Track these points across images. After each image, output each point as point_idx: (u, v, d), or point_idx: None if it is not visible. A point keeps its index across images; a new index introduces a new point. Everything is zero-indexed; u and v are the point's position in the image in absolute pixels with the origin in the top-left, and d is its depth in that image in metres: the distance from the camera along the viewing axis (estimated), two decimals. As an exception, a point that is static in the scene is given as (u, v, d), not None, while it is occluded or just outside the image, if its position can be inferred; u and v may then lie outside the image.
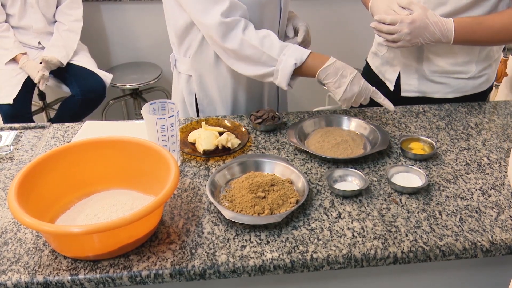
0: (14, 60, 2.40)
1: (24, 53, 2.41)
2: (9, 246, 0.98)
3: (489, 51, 1.47)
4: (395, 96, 1.57)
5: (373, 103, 1.49)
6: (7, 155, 1.30)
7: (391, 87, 1.61)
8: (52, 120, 2.68)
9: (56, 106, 2.80)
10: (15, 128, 1.42)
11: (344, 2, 2.83)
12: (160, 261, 0.94)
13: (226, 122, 1.41)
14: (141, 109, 1.18)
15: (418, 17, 1.33)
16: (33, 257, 0.95)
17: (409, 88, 1.57)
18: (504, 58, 2.62)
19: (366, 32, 1.83)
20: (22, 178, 0.96)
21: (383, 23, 1.36)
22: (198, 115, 1.59)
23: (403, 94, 1.58)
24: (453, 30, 1.34)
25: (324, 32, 2.92)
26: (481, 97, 1.55)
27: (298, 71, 1.34)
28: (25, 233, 1.01)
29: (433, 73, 1.51)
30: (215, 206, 1.08)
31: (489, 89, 1.57)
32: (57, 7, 2.49)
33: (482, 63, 1.48)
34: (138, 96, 2.96)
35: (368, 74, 1.70)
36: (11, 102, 2.32)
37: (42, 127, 1.44)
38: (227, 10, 1.29)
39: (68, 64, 2.47)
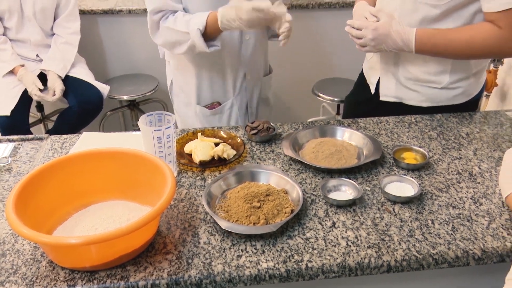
0: (12, 72, 2.40)
1: (22, 65, 2.41)
2: (7, 258, 0.98)
3: (465, 63, 1.46)
4: (376, 99, 1.61)
5: (366, 114, 1.51)
6: (5, 166, 1.30)
7: (372, 91, 1.64)
8: (50, 132, 2.67)
9: (54, 118, 2.80)
10: (13, 140, 1.43)
11: (346, 13, 2.86)
12: (156, 271, 0.94)
13: (222, 133, 1.41)
14: (138, 120, 1.18)
15: (381, 25, 1.39)
16: (31, 268, 0.95)
17: (387, 92, 1.59)
18: (494, 68, 2.64)
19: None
20: (20, 189, 0.96)
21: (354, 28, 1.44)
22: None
23: (381, 98, 1.61)
24: (414, 40, 1.37)
25: (325, 41, 2.95)
26: (471, 107, 1.55)
27: (210, 32, 1.46)
28: (23, 244, 1.01)
29: (408, 80, 1.53)
30: (211, 216, 1.08)
31: (475, 100, 1.56)
32: (54, 20, 2.49)
33: (456, 74, 1.47)
34: (135, 107, 2.96)
35: (361, 77, 1.74)
36: (8, 113, 2.32)
37: (40, 138, 1.44)
38: (156, 8, 1.47)
39: (66, 76, 2.48)
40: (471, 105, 1.55)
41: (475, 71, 1.48)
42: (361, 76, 1.75)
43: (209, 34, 1.46)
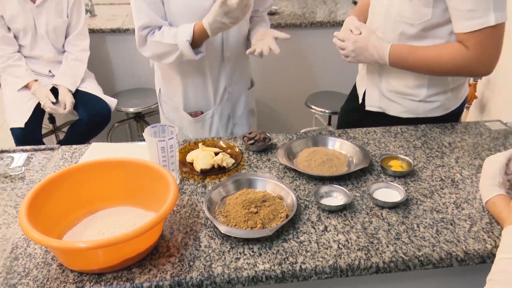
0: (26, 87, 2.40)
1: (36, 80, 2.41)
2: (19, 261, 0.97)
3: (442, 79, 1.45)
4: (363, 108, 1.63)
5: (356, 121, 1.50)
6: (18, 175, 1.29)
7: (360, 100, 1.65)
8: (61, 142, 2.66)
9: (65, 129, 2.79)
10: (26, 150, 1.42)
11: (336, 31, 2.87)
12: (160, 273, 0.93)
13: (221, 143, 1.41)
14: (144, 131, 1.18)
15: (361, 38, 1.42)
16: (42, 271, 0.94)
17: (372, 103, 1.60)
18: (473, 82, 2.65)
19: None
20: (32, 197, 0.96)
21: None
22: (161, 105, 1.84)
23: (367, 108, 1.61)
24: (388, 54, 1.38)
25: (317, 57, 2.96)
26: (451, 120, 1.55)
27: (197, 40, 1.50)
28: (35, 249, 1.00)
29: (390, 92, 1.53)
30: (211, 221, 1.07)
31: (456, 114, 1.55)
32: (66, 38, 2.50)
33: (433, 89, 1.47)
34: (140, 119, 2.96)
35: (354, 88, 1.75)
36: (22, 125, 2.31)
37: (52, 149, 1.43)
38: (144, 25, 1.52)
39: (76, 90, 2.48)
40: (451, 118, 1.55)
41: (452, 86, 1.48)
42: (354, 87, 1.76)
43: (195, 43, 1.51)
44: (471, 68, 1.33)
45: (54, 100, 2.38)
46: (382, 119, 1.57)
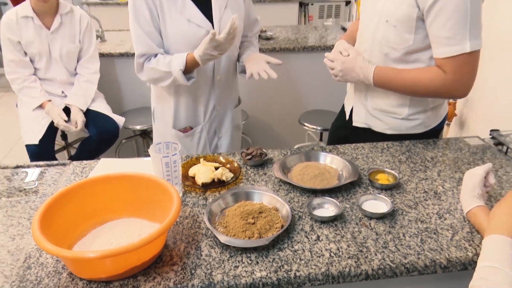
0: (40, 106, 2.40)
1: (49, 101, 2.41)
2: (32, 270, 0.96)
3: (423, 99, 1.45)
4: (350, 124, 1.63)
5: (344, 137, 1.51)
6: (32, 189, 1.28)
7: (347, 117, 1.65)
8: (72, 158, 2.66)
9: (76, 145, 2.78)
10: (40, 166, 1.41)
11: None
12: (164, 281, 0.92)
13: (221, 158, 1.41)
14: (149, 147, 1.18)
15: (348, 60, 1.44)
16: (53, 280, 0.93)
17: (359, 119, 1.60)
18: (453, 101, 2.66)
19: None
20: (44, 210, 0.95)
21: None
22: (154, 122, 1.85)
23: (354, 124, 1.62)
24: (372, 75, 1.39)
25: (310, 79, 2.98)
26: (431, 137, 1.55)
27: (189, 68, 1.54)
28: (46, 258, 0.99)
29: (375, 110, 1.53)
30: (211, 232, 1.06)
31: (436, 131, 1.56)
32: (78, 61, 2.51)
33: (414, 108, 1.47)
34: (146, 135, 2.95)
35: (343, 106, 1.75)
36: (37, 142, 2.31)
37: (63, 164, 1.43)
38: (141, 53, 1.56)
39: (87, 109, 2.48)
40: (432, 135, 1.55)
41: (432, 106, 1.48)
42: (343, 106, 1.76)
43: (187, 70, 1.55)
44: (448, 91, 1.34)
45: (66, 119, 2.38)
46: (368, 135, 1.57)
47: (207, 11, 1.58)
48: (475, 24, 1.24)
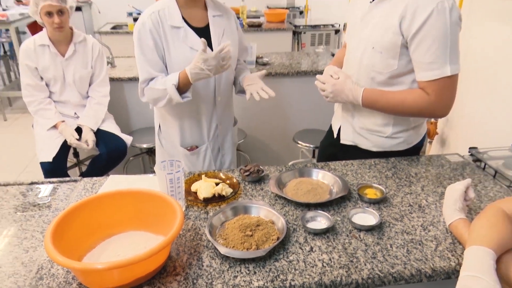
0: (54, 127, 2.40)
1: (63, 121, 2.41)
2: (44, 280, 0.94)
3: (405, 118, 1.46)
4: (338, 142, 1.63)
5: (332, 154, 1.50)
6: (45, 204, 1.27)
7: (335, 135, 1.65)
8: (83, 174, 2.64)
9: (87, 162, 2.77)
10: (53, 182, 1.40)
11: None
12: (167, 291, 0.91)
13: (221, 174, 1.40)
14: (155, 165, 1.18)
15: (338, 82, 1.44)
16: (63, 290, 0.91)
17: (346, 137, 1.60)
18: (434, 121, 2.68)
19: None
20: (56, 224, 0.95)
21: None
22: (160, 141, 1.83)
23: (342, 141, 1.62)
24: (361, 96, 1.40)
25: (303, 100, 2.99)
26: (412, 153, 1.55)
27: (182, 86, 1.52)
28: (58, 269, 0.98)
29: (361, 129, 1.54)
30: (212, 243, 1.06)
31: (417, 148, 1.56)
32: (89, 85, 2.52)
33: (398, 127, 1.48)
34: (152, 153, 2.95)
35: (331, 126, 1.75)
36: (50, 160, 2.30)
37: (75, 180, 1.42)
38: (144, 80, 1.57)
39: (98, 129, 2.48)
40: (414, 152, 1.55)
41: (413, 125, 1.49)
42: (330, 125, 1.77)
43: (182, 88, 1.53)
44: (430, 111, 1.35)
45: (78, 137, 2.38)
46: (355, 152, 1.57)
47: (206, 38, 1.60)
48: (454, 50, 1.27)
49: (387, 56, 1.35)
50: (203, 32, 1.61)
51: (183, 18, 1.58)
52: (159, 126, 1.83)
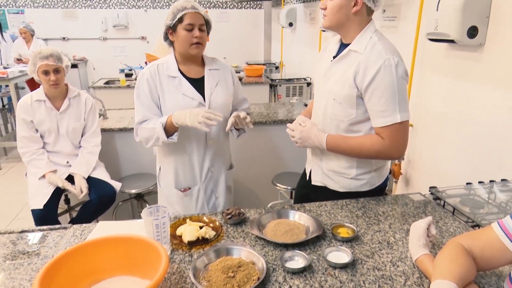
0: (44, 176, 2.34)
1: (53, 171, 2.35)
2: (29, 330, 0.88)
3: (367, 161, 1.50)
4: (309, 183, 1.64)
5: (305, 195, 1.51)
6: (35, 251, 1.22)
7: (307, 177, 1.67)
8: (74, 219, 2.55)
9: (77, 208, 2.68)
10: (43, 230, 1.35)
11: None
12: (152, 335, 0.86)
13: (204, 218, 1.38)
14: (143, 209, 1.16)
15: (305, 129, 1.50)
16: (49, 338, 0.86)
17: (316, 179, 1.62)
18: (398, 162, 2.73)
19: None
20: (44, 272, 0.91)
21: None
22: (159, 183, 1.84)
23: (312, 183, 1.63)
24: (325, 142, 1.44)
25: (280, 146, 3.03)
26: (377, 194, 1.57)
27: (170, 129, 1.59)
28: (44, 317, 0.92)
29: (329, 171, 1.56)
30: (196, 286, 1.02)
31: (381, 189, 1.58)
32: (82, 136, 2.50)
33: (361, 169, 1.51)
34: (141, 198, 2.89)
35: (304, 169, 1.76)
36: (41, 207, 2.22)
37: (65, 228, 1.37)
38: (138, 122, 1.64)
39: (89, 176, 2.43)
40: (378, 193, 1.58)
41: (375, 167, 1.53)
42: (305, 168, 1.79)
43: (169, 129, 1.59)
44: (386, 153, 1.40)
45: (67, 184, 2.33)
46: (324, 192, 1.59)
47: (201, 88, 1.67)
48: (402, 100, 1.35)
49: (346, 106, 1.41)
50: (198, 82, 1.67)
51: (180, 70, 1.67)
52: (159, 168, 1.83)
